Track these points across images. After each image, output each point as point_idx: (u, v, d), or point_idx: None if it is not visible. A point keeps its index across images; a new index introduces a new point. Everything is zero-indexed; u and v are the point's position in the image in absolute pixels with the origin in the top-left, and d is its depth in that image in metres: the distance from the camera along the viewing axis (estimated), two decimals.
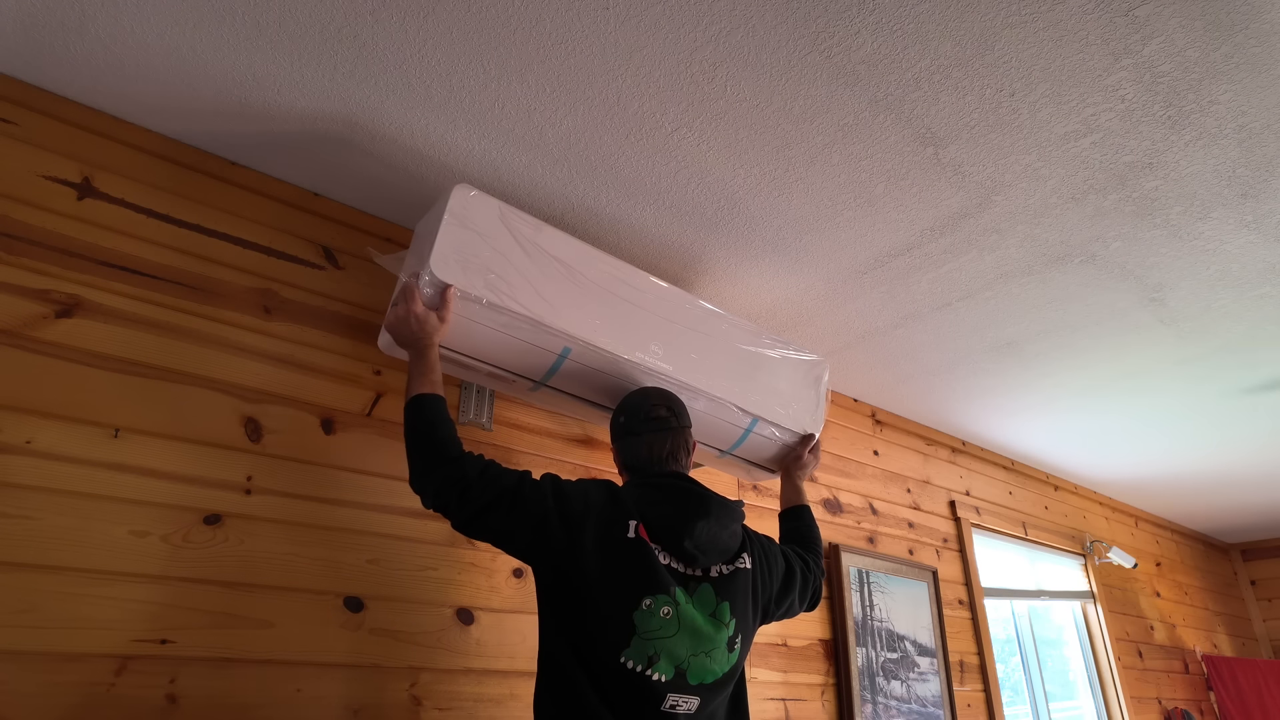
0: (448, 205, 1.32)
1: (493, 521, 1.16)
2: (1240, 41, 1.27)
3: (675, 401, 1.42)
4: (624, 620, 1.12)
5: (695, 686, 1.15)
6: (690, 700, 1.14)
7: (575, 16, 1.23)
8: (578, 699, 1.10)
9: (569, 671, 1.12)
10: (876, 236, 1.80)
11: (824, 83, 1.35)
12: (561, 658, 1.13)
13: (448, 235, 1.30)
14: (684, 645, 1.14)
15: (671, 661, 1.12)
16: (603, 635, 1.11)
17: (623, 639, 1.11)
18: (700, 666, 1.15)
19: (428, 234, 1.34)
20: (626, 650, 1.11)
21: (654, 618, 1.12)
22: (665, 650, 1.12)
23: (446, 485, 1.15)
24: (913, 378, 2.62)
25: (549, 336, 1.40)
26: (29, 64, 1.34)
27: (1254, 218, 1.72)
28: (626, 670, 1.10)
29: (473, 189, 1.36)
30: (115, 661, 1.18)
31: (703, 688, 1.16)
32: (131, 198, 1.43)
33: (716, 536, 1.23)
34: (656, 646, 1.12)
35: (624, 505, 1.21)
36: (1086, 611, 3.53)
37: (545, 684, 1.16)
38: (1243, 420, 2.91)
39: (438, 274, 1.27)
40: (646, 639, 1.11)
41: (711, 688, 1.17)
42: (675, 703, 1.12)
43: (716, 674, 1.18)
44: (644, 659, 1.11)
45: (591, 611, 1.13)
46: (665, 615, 1.13)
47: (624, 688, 1.10)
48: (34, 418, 1.23)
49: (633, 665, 1.10)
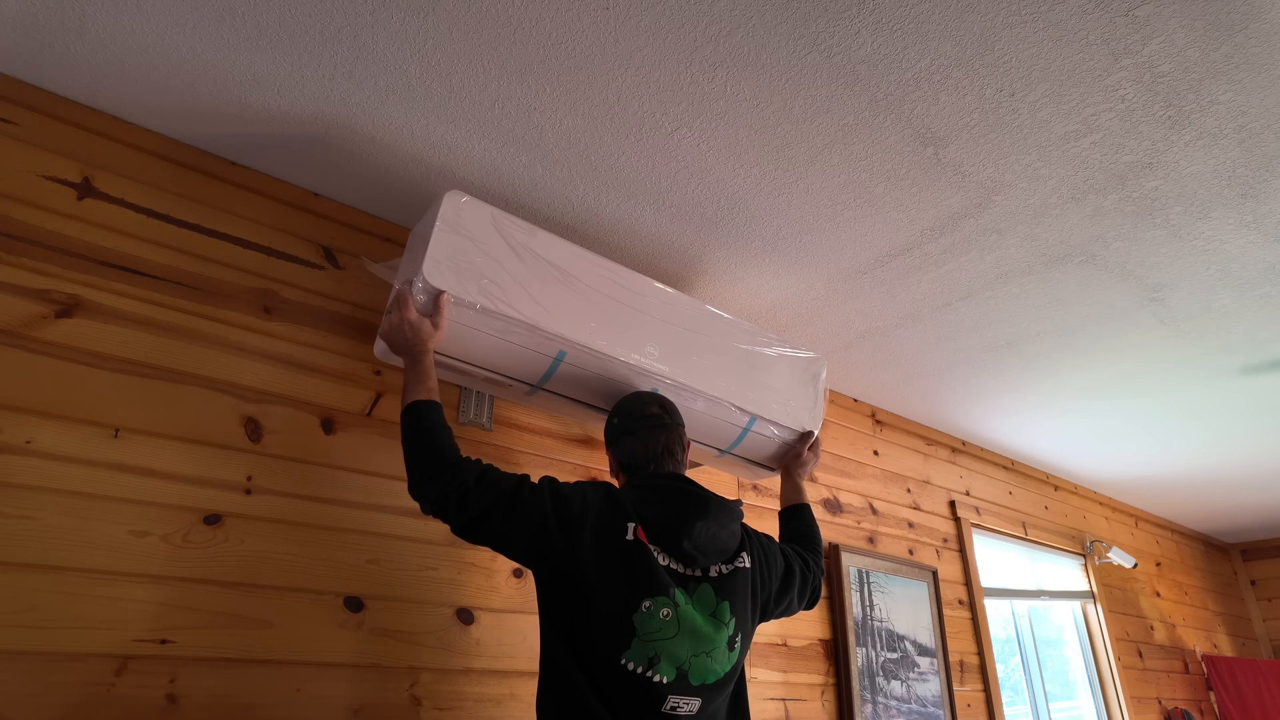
0: (439, 212, 1.32)
1: (492, 526, 1.16)
2: (1240, 41, 1.27)
3: (667, 401, 1.44)
4: (624, 622, 1.12)
5: (697, 687, 1.15)
6: (691, 701, 1.14)
7: (575, 16, 1.23)
8: (578, 701, 1.10)
9: (569, 674, 1.12)
10: (876, 236, 1.80)
11: (824, 83, 1.35)
12: (562, 660, 1.13)
13: (440, 242, 1.30)
14: (685, 646, 1.14)
15: (673, 663, 1.12)
16: (603, 638, 1.12)
17: (623, 641, 1.11)
18: (701, 667, 1.15)
19: (421, 241, 1.34)
20: (627, 652, 1.11)
21: (654, 619, 1.13)
22: (666, 651, 1.12)
23: (445, 492, 1.15)
24: (913, 378, 2.62)
25: (544, 340, 1.40)
26: (29, 64, 1.34)
27: (1254, 218, 1.72)
28: (627, 672, 1.10)
29: (464, 195, 1.36)
30: (115, 661, 1.18)
31: (704, 688, 1.16)
32: (132, 198, 1.43)
33: (715, 537, 1.23)
34: (657, 648, 1.12)
35: (622, 507, 1.21)
36: (1086, 611, 3.53)
37: (546, 686, 1.16)
38: (1243, 420, 2.91)
39: (431, 281, 1.27)
40: (647, 641, 1.12)
41: (713, 688, 1.17)
42: (676, 704, 1.12)
43: (718, 674, 1.18)
44: (645, 661, 1.11)
45: (591, 614, 1.13)
46: (665, 617, 1.13)
47: (625, 690, 1.10)
48: (34, 418, 1.23)
49: (634, 667, 1.10)
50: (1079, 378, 2.58)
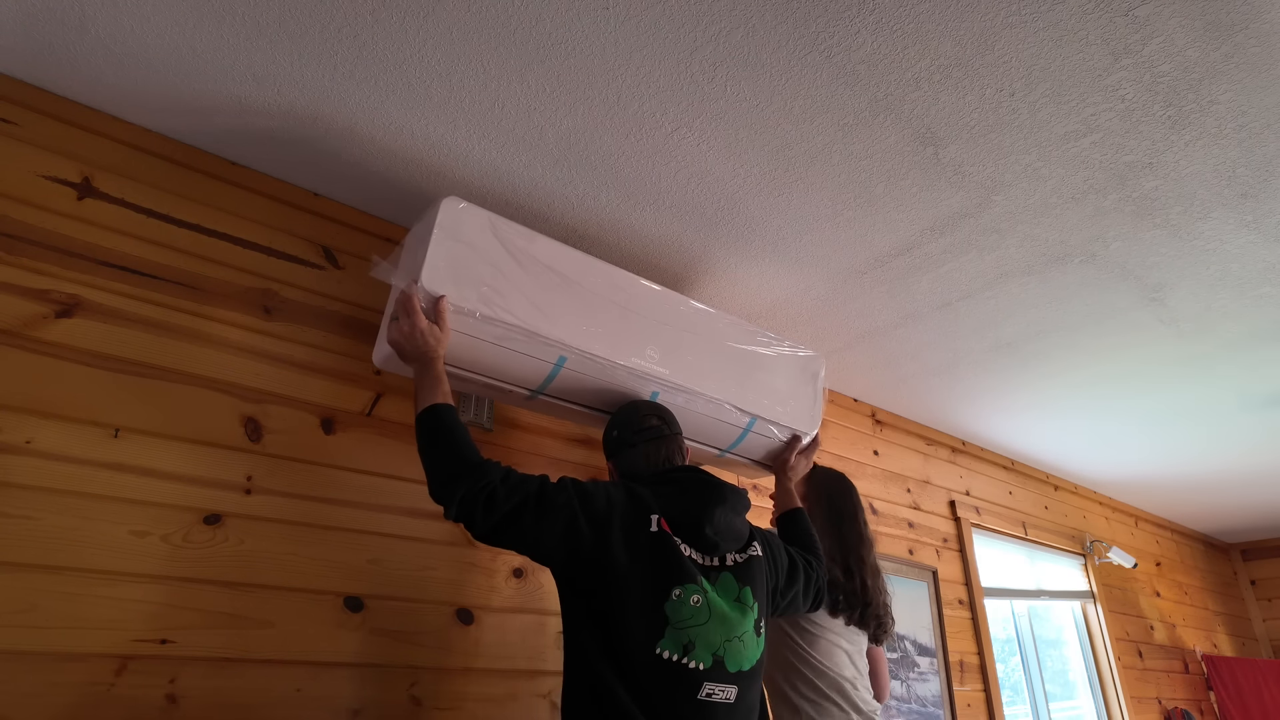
0: (437, 219, 1.31)
1: (521, 526, 1.16)
2: (1240, 41, 1.27)
3: (664, 410, 1.46)
4: (656, 613, 1.14)
5: (734, 674, 1.17)
6: (728, 689, 1.16)
7: (575, 16, 1.23)
8: (607, 697, 1.11)
9: (599, 671, 1.13)
10: (876, 236, 1.80)
11: (824, 83, 1.35)
12: (590, 657, 1.14)
13: (438, 249, 1.30)
14: (717, 632, 1.17)
15: (708, 649, 1.15)
16: (637, 629, 1.13)
17: (657, 631, 1.13)
18: (736, 652, 1.18)
19: (418, 247, 1.33)
20: (661, 641, 1.13)
21: (685, 607, 1.15)
22: (700, 638, 1.15)
23: (471, 492, 1.14)
24: (913, 378, 2.62)
25: (544, 346, 1.40)
26: (29, 64, 1.34)
27: (1254, 218, 1.72)
28: (663, 661, 1.12)
29: (461, 201, 1.36)
30: (115, 661, 1.18)
31: (741, 675, 1.18)
32: (131, 198, 1.43)
33: (731, 522, 1.28)
34: (691, 635, 1.14)
35: (644, 501, 1.24)
36: (1086, 611, 3.53)
37: (573, 685, 1.16)
38: (1242, 420, 2.91)
39: (430, 288, 1.27)
40: (680, 628, 1.14)
41: (749, 675, 1.20)
42: (712, 691, 1.14)
43: (751, 660, 1.21)
44: (679, 648, 1.13)
45: (623, 607, 1.14)
46: (695, 604, 1.16)
47: (660, 679, 1.12)
48: (34, 418, 1.23)
49: (669, 655, 1.12)
50: (1079, 378, 2.58)
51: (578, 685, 1.15)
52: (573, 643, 1.19)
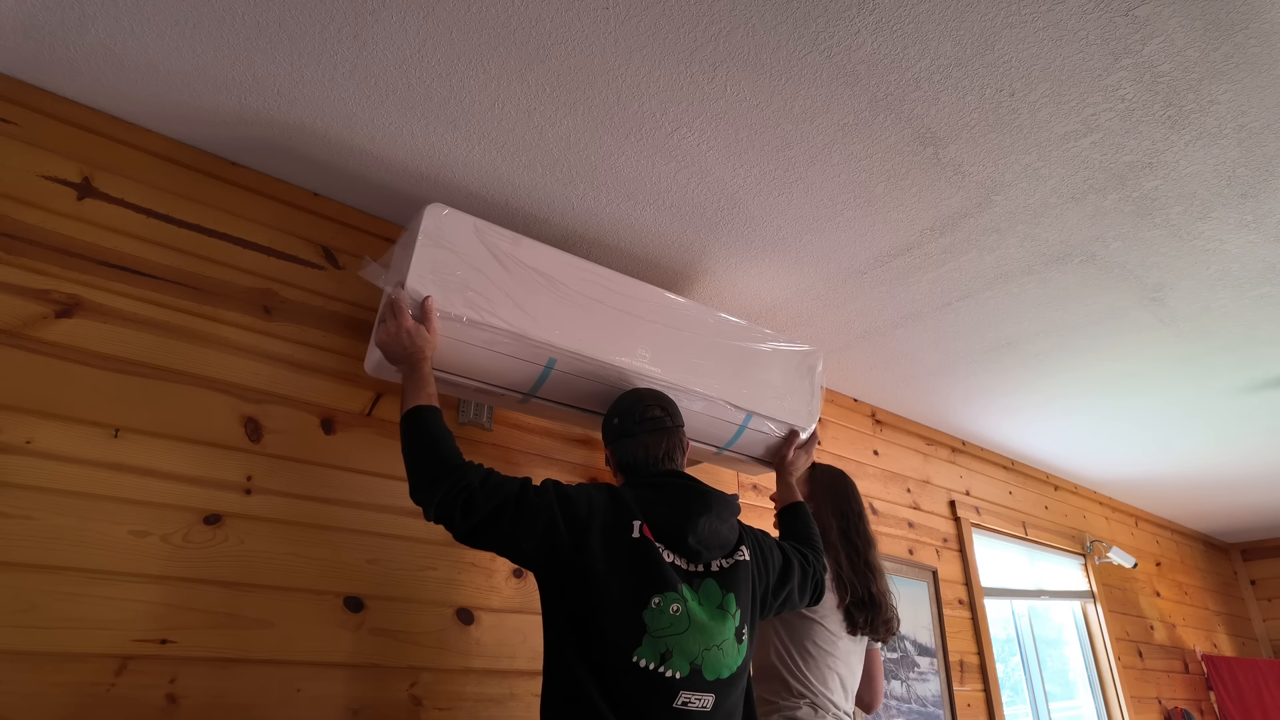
0: (421, 226, 1.32)
1: (499, 529, 1.16)
2: (1240, 41, 1.27)
3: (668, 401, 1.43)
4: (634, 620, 1.12)
5: (712, 682, 1.16)
6: (705, 697, 1.15)
7: (575, 16, 1.23)
8: (583, 702, 1.10)
9: (575, 675, 1.12)
10: (876, 236, 1.80)
11: (824, 83, 1.35)
12: (568, 662, 1.14)
13: (423, 256, 1.30)
14: (696, 640, 1.15)
15: (686, 658, 1.13)
16: (614, 636, 1.12)
17: (634, 639, 1.12)
18: (715, 660, 1.16)
19: (405, 253, 1.34)
20: (639, 649, 1.11)
21: (664, 615, 1.14)
22: (678, 646, 1.13)
23: (450, 495, 1.14)
24: (913, 378, 2.62)
25: (533, 349, 1.40)
26: (29, 64, 1.34)
27: (1254, 218, 1.72)
28: (639, 669, 1.11)
29: (446, 208, 1.36)
30: (115, 661, 1.18)
31: (719, 683, 1.17)
32: (132, 198, 1.43)
33: (717, 530, 1.25)
34: (669, 643, 1.13)
35: (626, 506, 1.22)
36: (1086, 611, 3.53)
37: (551, 688, 1.16)
38: (1242, 420, 2.91)
39: (415, 295, 1.28)
40: (658, 637, 1.12)
41: (728, 683, 1.18)
42: (688, 699, 1.13)
43: (731, 668, 1.19)
44: (656, 656, 1.12)
45: (601, 613, 1.13)
46: (675, 612, 1.14)
47: (635, 687, 1.11)
48: (34, 418, 1.23)
49: (645, 664, 1.11)
50: (1079, 377, 2.58)
51: (555, 689, 1.15)
52: (552, 646, 1.18)
